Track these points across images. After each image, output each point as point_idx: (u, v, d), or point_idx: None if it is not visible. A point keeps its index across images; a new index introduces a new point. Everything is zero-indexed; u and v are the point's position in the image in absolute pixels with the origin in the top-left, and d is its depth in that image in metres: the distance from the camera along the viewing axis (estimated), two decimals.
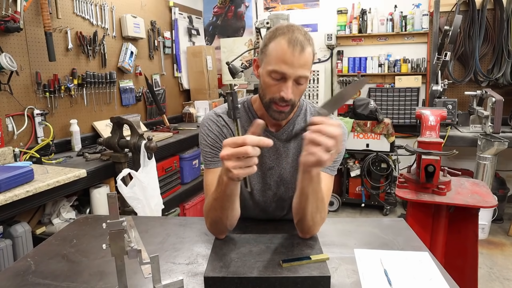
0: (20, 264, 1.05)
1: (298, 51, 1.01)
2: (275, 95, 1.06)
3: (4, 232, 1.85)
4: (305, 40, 1.03)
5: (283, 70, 1.02)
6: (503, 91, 3.42)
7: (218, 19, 4.74)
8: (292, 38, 1.01)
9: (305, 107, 1.25)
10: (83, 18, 2.82)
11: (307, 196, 0.99)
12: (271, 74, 1.05)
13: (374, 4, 4.06)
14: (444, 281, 0.92)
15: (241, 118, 1.18)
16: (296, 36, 1.02)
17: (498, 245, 3.05)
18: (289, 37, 1.01)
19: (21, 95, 2.35)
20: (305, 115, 1.23)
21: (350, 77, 4.19)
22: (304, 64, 1.02)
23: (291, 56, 1.01)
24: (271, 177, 1.22)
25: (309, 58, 1.04)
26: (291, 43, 1.01)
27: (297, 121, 1.22)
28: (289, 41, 1.01)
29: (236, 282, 0.86)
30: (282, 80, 1.04)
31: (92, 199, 2.30)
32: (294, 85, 1.04)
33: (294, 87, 1.05)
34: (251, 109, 1.22)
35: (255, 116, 1.20)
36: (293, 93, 1.05)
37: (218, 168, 1.11)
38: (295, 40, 1.01)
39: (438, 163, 1.94)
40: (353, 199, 3.89)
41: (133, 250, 0.78)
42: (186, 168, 3.23)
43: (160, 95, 3.76)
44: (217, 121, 1.20)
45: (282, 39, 1.02)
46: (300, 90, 1.07)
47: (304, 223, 1.04)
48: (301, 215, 1.03)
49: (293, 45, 1.01)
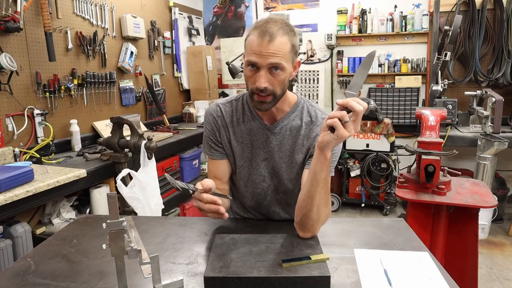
0: (20, 264, 1.05)
1: (266, 41, 1.06)
2: (254, 86, 1.11)
3: (4, 232, 1.85)
4: (277, 30, 1.07)
5: (253, 60, 1.08)
6: (503, 91, 3.41)
7: (218, 19, 4.74)
8: (263, 29, 1.07)
9: (303, 105, 1.27)
10: (83, 18, 2.82)
11: (316, 182, 1.02)
12: (247, 65, 1.11)
13: (374, 4, 4.06)
14: (444, 281, 0.92)
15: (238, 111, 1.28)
16: (267, 27, 1.07)
17: (498, 245, 3.05)
18: (261, 29, 1.08)
19: (21, 95, 2.36)
20: (301, 112, 1.25)
21: (350, 77, 4.19)
22: (275, 51, 1.06)
23: (259, 46, 1.07)
24: (266, 168, 1.27)
25: (280, 45, 1.07)
26: (260, 34, 1.07)
27: (292, 117, 1.25)
28: (259, 33, 1.07)
29: (236, 282, 0.86)
30: (257, 70, 1.09)
31: (92, 199, 2.30)
32: (268, 73, 1.09)
33: (269, 76, 1.09)
34: (248, 101, 1.27)
35: (251, 109, 1.26)
36: (268, 82, 1.09)
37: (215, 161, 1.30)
38: (265, 31, 1.07)
39: (438, 163, 1.94)
40: (353, 199, 3.89)
41: (133, 250, 0.78)
42: (186, 168, 3.23)
43: (160, 95, 3.76)
44: (215, 112, 1.29)
45: (255, 32, 1.09)
46: (278, 79, 1.10)
47: (310, 216, 1.05)
48: (308, 206, 1.04)
49: (262, 35, 1.06)
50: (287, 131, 1.24)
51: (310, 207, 1.04)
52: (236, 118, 1.27)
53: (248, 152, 1.26)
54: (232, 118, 1.28)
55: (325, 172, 1.01)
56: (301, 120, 1.24)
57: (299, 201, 1.09)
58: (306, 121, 1.24)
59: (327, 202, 1.08)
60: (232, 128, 1.27)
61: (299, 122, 1.24)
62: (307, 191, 1.05)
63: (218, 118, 1.28)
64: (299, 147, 1.23)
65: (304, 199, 1.06)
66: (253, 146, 1.26)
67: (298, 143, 1.23)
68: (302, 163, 1.24)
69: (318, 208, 1.05)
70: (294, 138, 1.23)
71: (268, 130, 1.24)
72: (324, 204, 1.06)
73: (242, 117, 1.27)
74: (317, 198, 1.03)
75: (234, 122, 1.27)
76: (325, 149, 0.97)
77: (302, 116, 1.24)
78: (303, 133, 1.23)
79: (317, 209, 1.05)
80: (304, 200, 1.06)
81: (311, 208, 1.04)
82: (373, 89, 4.07)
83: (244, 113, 1.27)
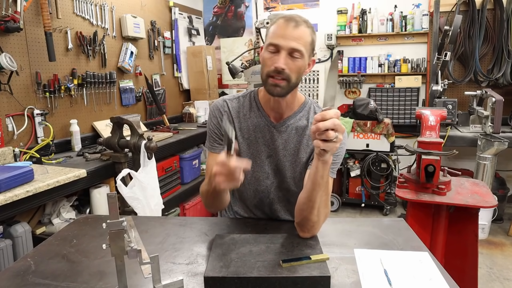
0: (20, 264, 1.05)
1: (292, 26, 1.10)
2: (270, 68, 1.12)
3: (4, 232, 1.85)
4: (301, 20, 1.12)
5: (277, 42, 1.10)
6: (503, 91, 3.41)
7: (218, 19, 4.74)
8: (289, 17, 1.12)
9: (310, 105, 1.28)
10: (83, 18, 2.82)
11: (317, 186, 1.02)
12: (268, 48, 1.13)
13: (374, 4, 4.06)
14: (444, 281, 0.92)
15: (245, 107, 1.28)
16: (293, 16, 1.13)
17: (498, 245, 3.05)
18: (287, 17, 1.13)
19: (21, 95, 2.35)
20: (308, 112, 1.27)
21: (350, 77, 4.19)
22: (298, 37, 1.10)
23: (284, 29, 1.10)
24: (270, 165, 1.28)
25: (303, 34, 1.11)
26: (287, 20, 1.12)
27: (299, 116, 1.26)
28: (285, 19, 1.12)
29: (236, 282, 0.86)
30: (276, 53, 1.11)
31: (92, 199, 2.30)
32: (288, 57, 1.11)
33: (288, 59, 1.11)
34: (256, 98, 1.28)
35: (258, 105, 1.27)
36: (286, 65, 1.10)
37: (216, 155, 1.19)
38: (291, 18, 1.12)
39: (438, 163, 1.94)
40: (353, 199, 3.89)
41: (133, 250, 0.78)
42: (186, 168, 3.23)
43: (160, 95, 3.76)
44: (222, 107, 1.29)
45: (281, 19, 1.14)
46: (296, 65, 1.12)
47: (310, 218, 1.05)
48: (308, 209, 1.05)
49: (288, 21, 1.11)
50: (293, 130, 1.25)
51: (310, 210, 1.05)
52: (242, 114, 1.28)
53: (253, 149, 1.27)
54: (239, 114, 1.28)
55: (326, 175, 1.01)
56: (307, 120, 1.25)
57: (299, 204, 1.09)
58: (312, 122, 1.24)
59: (327, 203, 1.09)
60: (238, 123, 1.27)
61: (305, 122, 1.25)
62: (308, 195, 1.05)
63: (225, 113, 1.28)
64: (303, 146, 1.24)
65: (304, 202, 1.06)
66: (258, 143, 1.26)
67: (303, 143, 1.24)
68: (305, 162, 1.25)
69: (318, 210, 1.05)
70: (300, 138, 1.25)
71: (274, 128, 1.25)
72: (324, 205, 1.07)
73: (248, 114, 1.27)
74: (318, 201, 1.04)
75: (241, 118, 1.28)
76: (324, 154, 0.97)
77: (309, 116, 1.26)
78: (308, 133, 1.24)
79: (317, 212, 1.05)
80: (305, 204, 1.06)
81: (312, 210, 1.05)
82: (373, 89, 4.07)
83: (251, 110, 1.27)
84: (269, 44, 1.12)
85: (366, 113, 3.63)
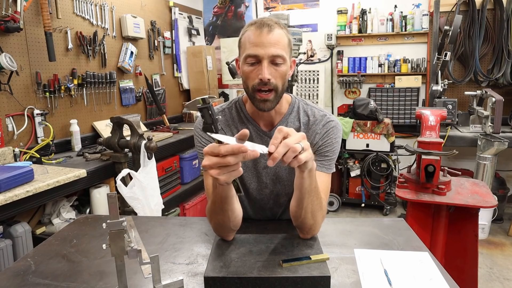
0: (20, 264, 1.05)
1: (266, 31, 1.04)
2: (255, 81, 1.07)
3: (4, 232, 1.85)
4: (274, 24, 1.06)
5: (255, 52, 1.05)
6: (503, 91, 3.42)
7: (218, 19, 4.74)
8: (260, 23, 1.06)
9: (298, 104, 1.23)
10: (83, 18, 2.82)
11: (306, 194, 0.97)
12: (246, 61, 1.07)
13: (374, 4, 4.06)
14: (444, 281, 0.92)
15: (234, 118, 1.20)
16: (263, 21, 1.06)
17: (498, 245, 3.05)
18: (257, 24, 1.07)
19: (21, 95, 2.35)
20: (298, 113, 1.22)
21: (350, 77, 4.19)
22: (275, 42, 1.05)
23: (259, 37, 1.04)
24: (267, 175, 1.22)
25: (280, 37, 1.06)
26: (258, 27, 1.05)
27: (290, 119, 1.21)
28: (256, 26, 1.06)
29: (236, 282, 0.86)
30: (257, 64, 1.06)
31: (92, 199, 2.30)
32: (270, 66, 1.06)
33: (271, 68, 1.06)
34: (243, 108, 1.22)
35: (246, 116, 1.21)
36: (271, 74, 1.05)
37: None
38: (262, 23, 1.06)
39: (438, 163, 1.94)
40: (353, 199, 3.89)
41: (133, 250, 0.78)
42: (186, 168, 3.23)
43: (160, 95, 3.76)
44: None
45: (251, 27, 1.08)
46: (280, 72, 1.07)
47: (306, 222, 1.02)
48: (302, 215, 1.02)
49: (261, 27, 1.05)
50: None
51: (304, 215, 1.01)
52: (234, 126, 1.22)
53: (249, 161, 1.20)
54: (230, 127, 1.22)
55: (314, 181, 0.97)
56: (299, 121, 1.20)
57: (292, 211, 1.05)
58: (304, 122, 1.20)
59: (321, 205, 1.04)
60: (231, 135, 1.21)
61: (297, 123, 1.20)
62: (298, 203, 1.00)
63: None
64: None
65: (296, 210, 1.02)
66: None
67: None
68: None
69: (312, 214, 1.02)
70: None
71: (267, 135, 1.19)
72: (318, 208, 1.02)
73: (239, 126, 1.21)
74: (310, 206, 1.00)
75: (232, 130, 1.22)
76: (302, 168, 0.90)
77: (299, 116, 1.21)
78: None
79: (311, 215, 1.02)
80: (297, 211, 1.02)
81: (306, 215, 1.01)
82: (373, 89, 4.07)
83: (241, 122, 1.21)
84: (247, 56, 1.06)
85: (366, 113, 3.63)
